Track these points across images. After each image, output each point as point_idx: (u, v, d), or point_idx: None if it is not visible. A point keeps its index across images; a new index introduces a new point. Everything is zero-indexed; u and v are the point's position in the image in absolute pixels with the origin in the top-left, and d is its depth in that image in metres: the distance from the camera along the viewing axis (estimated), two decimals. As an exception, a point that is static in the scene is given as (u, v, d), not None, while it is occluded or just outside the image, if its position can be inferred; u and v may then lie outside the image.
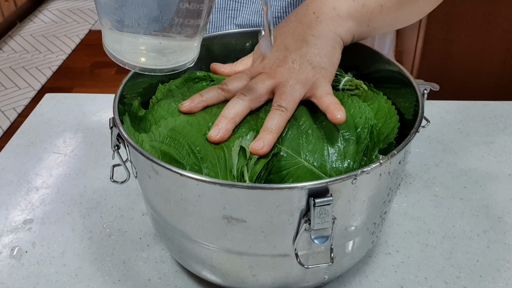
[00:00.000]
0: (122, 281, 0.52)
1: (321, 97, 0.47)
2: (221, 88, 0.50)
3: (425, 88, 0.51)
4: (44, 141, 0.73)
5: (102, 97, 0.82)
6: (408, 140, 0.43)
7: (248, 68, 0.52)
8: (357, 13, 0.51)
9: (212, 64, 0.56)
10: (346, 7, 0.51)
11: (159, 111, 0.50)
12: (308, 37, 0.50)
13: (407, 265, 0.53)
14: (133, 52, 0.44)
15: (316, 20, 0.51)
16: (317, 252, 0.44)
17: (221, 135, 0.45)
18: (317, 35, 0.50)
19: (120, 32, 0.43)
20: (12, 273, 0.53)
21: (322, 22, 0.50)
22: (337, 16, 0.51)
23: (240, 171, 0.43)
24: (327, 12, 0.51)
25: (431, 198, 0.61)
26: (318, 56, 0.49)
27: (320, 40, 0.50)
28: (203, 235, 0.44)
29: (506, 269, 0.52)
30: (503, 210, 0.59)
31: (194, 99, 0.49)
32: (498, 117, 0.75)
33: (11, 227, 0.59)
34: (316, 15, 0.51)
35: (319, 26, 0.50)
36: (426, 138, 0.71)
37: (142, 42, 0.43)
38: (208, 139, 0.45)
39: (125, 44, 0.44)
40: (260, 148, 0.43)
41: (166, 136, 0.46)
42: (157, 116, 0.50)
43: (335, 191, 0.39)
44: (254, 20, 0.70)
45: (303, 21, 0.51)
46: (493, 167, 0.66)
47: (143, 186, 0.47)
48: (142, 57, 0.45)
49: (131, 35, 0.43)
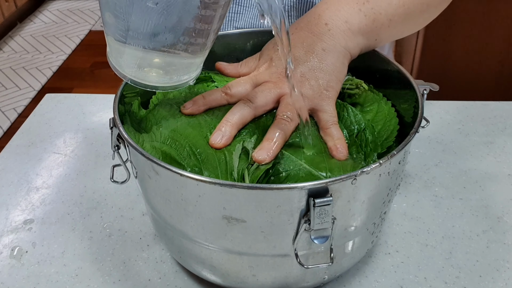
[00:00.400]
0: (122, 281, 0.52)
1: (326, 127, 0.47)
2: (224, 92, 0.50)
3: (425, 89, 0.51)
4: (44, 141, 0.73)
5: (102, 98, 0.82)
6: (408, 141, 0.43)
7: (253, 73, 0.52)
8: (367, 28, 0.51)
9: (218, 63, 0.56)
10: (358, 22, 0.50)
11: (160, 112, 0.50)
12: (318, 51, 0.49)
13: (406, 265, 0.53)
14: (136, 68, 0.44)
15: (328, 32, 0.50)
16: (317, 252, 0.44)
17: (224, 142, 0.45)
18: (327, 49, 0.49)
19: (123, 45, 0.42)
20: (12, 273, 0.53)
21: (334, 35, 0.50)
22: (348, 30, 0.50)
23: (240, 174, 0.43)
24: (339, 25, 0.50)
25: (430, 198, 0.61)
26: (327, 74, 0.49)
27: (331, 56, 0.49)
28: (203, 235, 0.44)
29: (505, 269, 0.53)
30: (502, 210, 0.60)
31: (196, 102, 0.49)
32: (497, 117, 0.75)
33: (11, 227, 0.59)
34: (328, 27, 0.50)
35: (331, 40, 0.50)
36: (425, 138, 0.71)
37: (146, 58, 0.43)
38: (210, 144, 0.45)
39: (128, 59, 0.44)
40: (263, 159, 0.43)
41: (167, 137, 0.46)
42: (158, 116, 0.50)
43: (335, 191, 0.39)
44: (255, 24, 0.70)
45: (314, 31, 0.50)
46: (493, 167, 0.66)
47: (143, 186, 0.47)
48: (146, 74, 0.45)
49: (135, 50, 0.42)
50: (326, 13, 0.51)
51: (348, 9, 0.51)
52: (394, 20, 0.52)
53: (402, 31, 0.55)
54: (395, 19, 0.52)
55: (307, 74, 0.49)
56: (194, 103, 0.49)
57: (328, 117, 0.48)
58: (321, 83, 0.48)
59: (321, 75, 0.49)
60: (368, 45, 0.53)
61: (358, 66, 0.54)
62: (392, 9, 0.52)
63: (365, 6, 0.51)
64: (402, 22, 0.53)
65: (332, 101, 0.49)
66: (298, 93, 0.47)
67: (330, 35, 0.50)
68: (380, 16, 0.51)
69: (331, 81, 0.49)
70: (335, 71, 0.49)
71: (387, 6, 0.51)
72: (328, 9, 0.51)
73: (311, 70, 0.49)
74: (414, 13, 0.53)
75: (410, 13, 0.53)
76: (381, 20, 0.51)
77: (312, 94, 0.48)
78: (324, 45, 0.50)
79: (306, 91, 0.48)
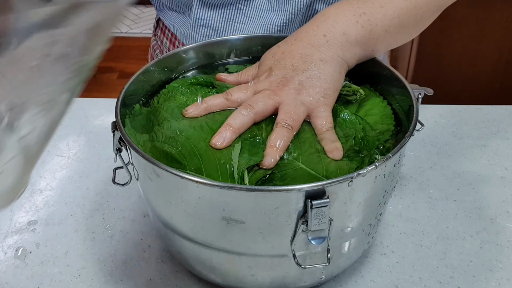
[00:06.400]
0: (124, 281, 0.53)
1: (321, 133, 0.48)
2: (225, 97, 0.51)
3: (420, 93, 0.52)
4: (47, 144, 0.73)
5: (104, 102, 0.82)
6: (403, 143, 0.44)
7: (254, 81, 0.53)
8: (364, 39, 0.52)
9: (218, 74, 0.57)
10: (355, 34, 0.52)
11: (162, 113, 0.51)
12: (316, 61, 0.51)
13: (402, 265, 0.54)
14: None
15: (326, 44, 0.51)
16: (314, 252, 0.45)
17: (225, 145, 0.46)
18: (325, 60, 0.51)
19: None
20: (16, 273, 0.54)
21: (331, 47, 0.51)
22: (346, 41, 0.52)
23: (240, 175, 0.44)
24: (337, 36, 0.51)
25: (425, 200, 0.62)
26: (324, 82, 0.50)
27: (328, 66, 0.51)
28: (203, 236, 0.45)
29: (498, 269, 0.53)
30: (495, 211, 0.60)
31: (198, 106, 0.51)
32: (491, 121, 0.76)
33: (15, 228, 0.60)
34: (326, 39, 0.51)
35: (328, 51, 0.51)
36: (420, 142, 0.72)
37: None
38: (212, 145, 0.46)
39: None
40: (269, 164, 0.45)
41: (169, 137, 0.47)
42: (160, 118, 0.50)
43: (332, 193, 0.40)
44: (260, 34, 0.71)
45: (312, 42, 0.52)
46: (486, 170, 0.67)
47: (145, 188, 0.48)
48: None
49: None
50: (324, 25, 0.52)
51: (346, 21, 0.52)
52: (389, 31, 0.54)
53: (397, 41, 0.57)
54: (391, 29, 0.54)
55: (305, 83, 0.50)
56: (196, 107, 0.51)
57: (324, 122, 0.49)
58: (318, 91, 0.50)
59: (319, 83, 0.50)
60: (364, 55, 0.54)
61: (354, 70, 0.55)
62: (387, 20, 0.53)
63: (362, 18, 0.52)
64: (397, 33, 0.55)
65: (329, 108, 0.50)
66: (296, 101, 0.48)
67: (328, 46, 0.51)
68: (376, 28, 0.53)
69: (328, 89, 0.50)
70: (333, 81, 0.51)
71: (382, 18, 0.53)
72: (326, 21, 0.52)
73: (309, 79, 0.50)
74: (409, 23, 0.55)
75: (404, 24, 0.54)
76: (377, 31, 0.53)
77: (310, 101, 0.49)
78: (322, 55, 0.51)
79: (303, 98, 0.49)
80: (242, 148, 0.46)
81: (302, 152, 0.47)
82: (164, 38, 0.83)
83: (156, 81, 0.58)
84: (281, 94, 0.50)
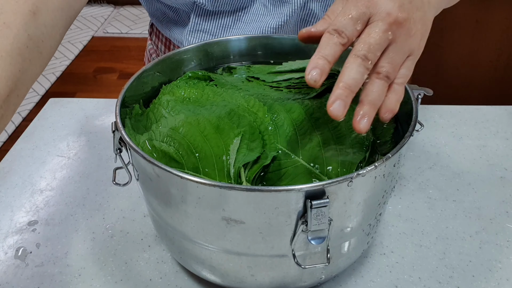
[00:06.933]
0: (124, 281, 0.53)
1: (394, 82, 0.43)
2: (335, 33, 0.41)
3: (419, 93, 0.52)
4: (48, 145, 0.74)
5: (104, 102, 0.82)
6: (403, 144, 0.44)
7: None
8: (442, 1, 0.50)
9: (301, 31, 0.48)
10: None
11: (159, 110, 0.51)
12: (425, 1, 0.45)
13: (401, 265, 0.54)
14: None
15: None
16: (313, 252, 0.45)
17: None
18: (432, 4, 0.47)
19: None
20: (17, 273, 0.54)
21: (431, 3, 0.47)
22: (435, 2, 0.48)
23: (237, 171, 0.44)
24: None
25: (425, 200, 0.62)
26: (426, 33, 0.44)
27: (430, 10, 0.46)
28: (203, 236, 0.45)
29: (498, 269, 0.54)
30: (494, 211, 0.61)
31: (321, 66, 0.40)
32: (490, 121, 0.76)
33: (16, 228, 0.60)
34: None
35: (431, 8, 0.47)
36: (420, 142, 0.72)
37: None
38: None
39: None
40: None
41: (166, 136, 0.47)
42: (158, 115, 0.50)
43: (332, 193, 0.40)
44: None
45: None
46: (485, 170, 0.67)
47: (145, 188, 0.48)
48: None
49: None
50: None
51: None
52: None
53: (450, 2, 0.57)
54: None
55: (419, 23, 0.43)
56: (320, 70, 0.40)
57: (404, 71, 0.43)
58: (418, 43, 0.44)
59: (424, 33, 0.44)
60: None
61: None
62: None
63: None
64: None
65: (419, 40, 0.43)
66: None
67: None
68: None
69: (423, 44, 0.44)
70: (429, 24, 0.46)
71: None
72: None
73: (421, 21, 0.44)
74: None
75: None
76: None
77: (411, 48, 0.43)
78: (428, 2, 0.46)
79: (411, 43, 0.42)
80: (241, 142, 0.46)
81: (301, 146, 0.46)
82: (159, 42, 0.82)
83: (156, 82, 0.58)
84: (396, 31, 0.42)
